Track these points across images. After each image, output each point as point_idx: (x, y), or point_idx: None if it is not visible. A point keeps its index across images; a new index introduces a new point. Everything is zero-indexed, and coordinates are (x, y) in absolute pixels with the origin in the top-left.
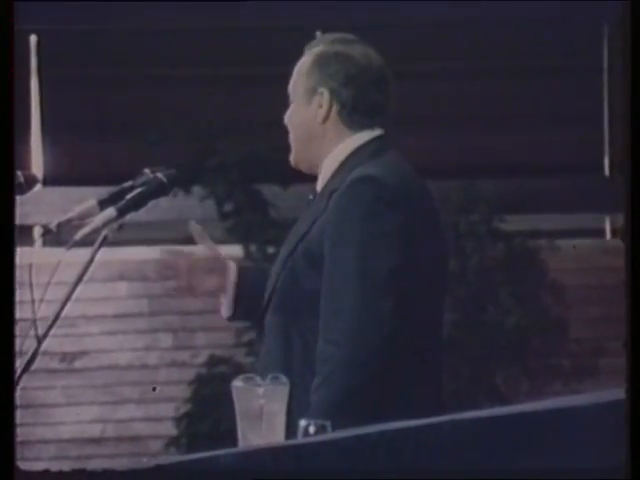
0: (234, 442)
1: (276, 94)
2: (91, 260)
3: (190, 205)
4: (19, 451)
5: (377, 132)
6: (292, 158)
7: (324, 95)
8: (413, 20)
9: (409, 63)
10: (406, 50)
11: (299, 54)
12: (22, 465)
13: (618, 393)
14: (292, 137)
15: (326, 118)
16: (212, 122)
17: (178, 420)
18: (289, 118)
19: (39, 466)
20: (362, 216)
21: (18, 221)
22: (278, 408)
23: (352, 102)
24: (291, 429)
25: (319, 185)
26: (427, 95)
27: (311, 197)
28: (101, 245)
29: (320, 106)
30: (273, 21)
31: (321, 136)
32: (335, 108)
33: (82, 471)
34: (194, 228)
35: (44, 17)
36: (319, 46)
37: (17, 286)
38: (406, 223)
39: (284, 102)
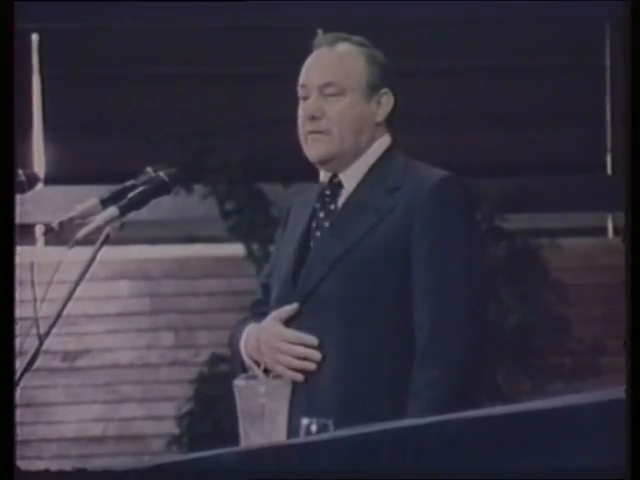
0: (236, 441)
1: (277, 93)
2: (93, 259)
3: (192, 204)
4: (21, 450)
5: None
6: (327, 150)
7: (388, 96)
8: (412, 19)
9: (409, 62)
10: (406, 49)
11: (299, 53)
12: (23, 464)
13: (620, 392)
14: (337, 129)
15: (385, 119)
16: (214, 121)
17: (180, 419)
18: (341, 112)
19: (40, 465)
20: (463, 217)
21: (20, 220)
22: (280, 407)
23: (397, 106)
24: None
25: (351, 182)
26: (428, 94)
27: (328, 192)
28: (103, 244)
29: (379, 106)
30: (273, 21)
31: (370, 133)
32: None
33: (83, 470)
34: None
35: (45, 16)
36: (348, 42)
37: (19, 285)
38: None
39: (285, 101)
